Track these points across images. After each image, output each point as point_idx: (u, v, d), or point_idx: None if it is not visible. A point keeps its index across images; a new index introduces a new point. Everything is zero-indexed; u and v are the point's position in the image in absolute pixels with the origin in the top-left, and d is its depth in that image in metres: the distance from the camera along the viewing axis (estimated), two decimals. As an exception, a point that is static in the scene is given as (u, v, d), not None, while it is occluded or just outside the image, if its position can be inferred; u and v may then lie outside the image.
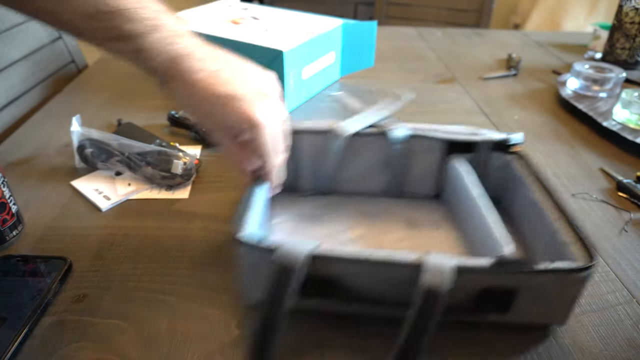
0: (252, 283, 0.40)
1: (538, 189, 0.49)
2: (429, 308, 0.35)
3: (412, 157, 0.57)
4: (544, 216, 0.46)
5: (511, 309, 0.40)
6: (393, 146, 0.56)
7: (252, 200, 0.44)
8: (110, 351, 0.40)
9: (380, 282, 0.39)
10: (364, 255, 0.38)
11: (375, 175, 0.59)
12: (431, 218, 0.56)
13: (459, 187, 0.54)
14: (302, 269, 0.36)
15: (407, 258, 0.38)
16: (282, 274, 0.36)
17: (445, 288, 0.35)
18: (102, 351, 0.40)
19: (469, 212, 0.51)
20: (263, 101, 0.42)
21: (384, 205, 0.58)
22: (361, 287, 0.40)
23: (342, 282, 0.39)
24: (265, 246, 0.38)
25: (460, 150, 0.56)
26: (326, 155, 0.57)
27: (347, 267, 0.39)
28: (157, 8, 0.41)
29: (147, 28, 0.39)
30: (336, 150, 0.56)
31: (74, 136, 0.63)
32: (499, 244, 0.43)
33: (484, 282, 0.38)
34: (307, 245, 0.38)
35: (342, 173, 0.59)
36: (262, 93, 0.43)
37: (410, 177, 0.58)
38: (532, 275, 0.38)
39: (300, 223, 0.55)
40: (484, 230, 0.46)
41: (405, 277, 0.37)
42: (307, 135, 0.57)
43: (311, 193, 0.60)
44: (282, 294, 0.36)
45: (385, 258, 0.38)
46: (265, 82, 0.45)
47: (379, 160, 0.58)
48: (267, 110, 0.42)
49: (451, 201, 0.57)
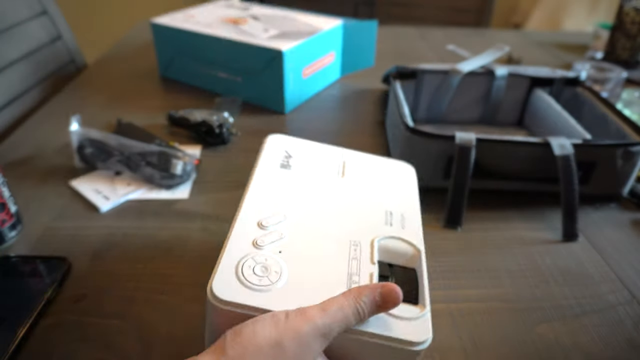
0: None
1: (603, 106, 0.68)
2: (569, 169, 0.55)
3: (506, 91, 0.77)
4: (610, 122, 0.65)
5: (590, 181, 0.59)
6: (495, 82, 0.76)
7: None
8: (110, 351, 0.40)
9: (515, 159, 0.58)
10: (507, 138, 0.57)
11: (474, 107, 0.80)
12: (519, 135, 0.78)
13: (540, 109, 0.75)
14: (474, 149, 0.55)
15: (536, 139, 0.57)
16: (463, 151, 0.55)
17: (572, 157, 0.55)
18: (102, 351, 0.40)
19: (551, 121, 0.71)
20: None
21: (483, 129, 0.79)
22: (503, 166, 0.59)
23: (488, 162, 0.58)
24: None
25: (541, 85, 0.77)
26: (442, 90, 0.77)
27: (500, 148, 0.57)
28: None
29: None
30: (453, 86, 0.75)
31: (74, 136, 0.62)
32: (579, 133, 0.64)
33: (577, 156, 0.55)
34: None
35: (451, 105, 0.79)
36: None
37: (502, 107, 0.79)
38: (606, 148, 0.57)
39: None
40: (565, 129, 0.67)
41: (538, 153, 0.57)
42: (429, 75, 0.77)
43: (424, 122, 0.80)
44: (467, 163, 0.56)
45: (523, 139, 0.57)
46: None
47: (481, 94, 0.78)
48: None
49: (531, 124, 0.78)
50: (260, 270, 0.33)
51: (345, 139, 0.75)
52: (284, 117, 0.82)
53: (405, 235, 0.38)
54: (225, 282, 0.32)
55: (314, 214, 0.39)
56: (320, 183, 0.43)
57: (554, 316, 0.45)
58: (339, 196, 0.42)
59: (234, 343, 0.27)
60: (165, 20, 0.89)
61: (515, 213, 0.59)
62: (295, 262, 0.34)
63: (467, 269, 0.50)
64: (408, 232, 0.39)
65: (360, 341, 0.31)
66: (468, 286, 0.48)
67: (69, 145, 0.64)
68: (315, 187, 0.42)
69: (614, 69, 0.91)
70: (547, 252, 0.53)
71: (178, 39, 0.88)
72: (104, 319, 0.43)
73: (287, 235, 0.36)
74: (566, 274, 0.50)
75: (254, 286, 0.31)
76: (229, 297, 0.31)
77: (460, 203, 0.56)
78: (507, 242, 0.54)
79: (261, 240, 0.35)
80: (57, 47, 1.04)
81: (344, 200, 0.41)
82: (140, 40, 1.17)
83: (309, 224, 0.38)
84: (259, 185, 0.41)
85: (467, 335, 0.43)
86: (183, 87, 0.91)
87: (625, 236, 0.56)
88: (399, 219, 0.40)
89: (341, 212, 0.40)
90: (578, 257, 0.52)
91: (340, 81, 0.97)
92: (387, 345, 0.31)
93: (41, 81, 0.96)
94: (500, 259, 0.52)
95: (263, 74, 0.80)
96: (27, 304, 0.43)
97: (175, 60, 0.91)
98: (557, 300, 0.47)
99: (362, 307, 0.30)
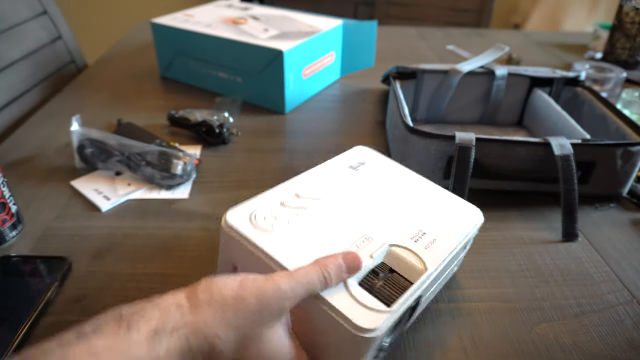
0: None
1: (603, 106, 0.68)
2: (569, 168, 0.54)
3: (506, 91, 0.78)
4: (610, 122, 0.65)
5: (589, 181, 0.59)
6: (495, 82, 0.76)
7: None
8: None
9: (514, 159, 0.58)
10: (507, 138, 0.57)
11: (474, 107, 0.80)
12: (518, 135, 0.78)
13: (540, 109, 0.75)
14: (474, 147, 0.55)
15: (536, 139, 0.57)
16: (463, 151, 0.55)
17: (571, 156, 0.54)
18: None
19: (551, 121, 0.71)
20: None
21: (483, 130, 0.79)
22: (502, 166, 0.58)
23: (487, 162, 0.58)
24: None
25: (540, 85, 0.77)
26: (442, 90, 0.77)
27: (500, 147, 0.57)
28: None
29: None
30: (453, 86, 0.75)
31: (74, 136, 0.62)
32: (579, 133, 0.64)
33: (576, 156, 0.55)
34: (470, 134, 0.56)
35: (451, 105, 0.79)
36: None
37: (501, 107, 0.79)
38: (606, 148, 0.57)
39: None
40: (564, 129, 0.67)
41: (538, 153, 0.57)
42: (428, 75, 0.77)
43: (424, 122, 0.80)
44: (466, 162, 0.55)
45: (522, 139, 0.57)
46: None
47: (480, 94, 0.78)
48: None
49: (531, 124, 0.78)
50: (270, 217, 0.39)
51: (345, 139, 0.75)
52: (283, 117, 0.82)
53: (422, 253, 0.38)
54: (238, 216, 0.38)
55: (349, 206, 0.42)
56: (374, 189, 0.45)
57: (554, 316, 0.45)
58: (383, 203, 0.43)
59: (205, 288, 0.31)
60: (165, 20, 0.89)
61: (515, 213, 0.59)
62: (303, 224, 0.39)
63: (467, 269, 0.50)
64: (427, 253, 0.38)
65: (319, 308, 0.33)
66: (468, 286, 0.48)
67: (69, 145, 0.64)
68: (367, 189, 0.45)
69: (613, 69, 0.91)
70: (547, 252, 0.53)
71: (178, 39, 0.88)
72: (104, 318, 0.43)
73: (312, 209, 0.41)
74: (566, 274, 0.50)
75: (258, 225, 0.38)
76: (234, 224, 0.37)
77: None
78: (507, 242, 0.54)
79: (287, 202, 0.41)
80: (57, 47, 1.04)
81: (385, 207, 0.43)
82: (140, 40, 1.17)
83: (338, 209, 0.41)
84: (320, 171, 0.46)
85: (467, 335, 0.43)
86: (183, 87, 0.91)
87: (625, 236, 0.56)
88: (427, 241, 0.39)
89: (376, 214, 0.41)
90: (578, 257, 0.52)
91: (340, 81, 0.97)
92: (335, 320, 0.32)
93: (41, 81, 0.96)
94: (500, 259, 0.52)
95: (263, 74, 0.80)
96: (27, 304, 0.43)
97: (175, 60, 0.91)
98: (557, 300, 0.47)
99: (328, 272, 0.33)
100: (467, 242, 0.42)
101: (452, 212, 0.43)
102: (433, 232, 0.40)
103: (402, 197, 0.44)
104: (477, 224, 0.43)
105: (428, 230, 0.40)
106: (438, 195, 0.46)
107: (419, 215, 0.42)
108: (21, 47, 0.92)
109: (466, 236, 0.41)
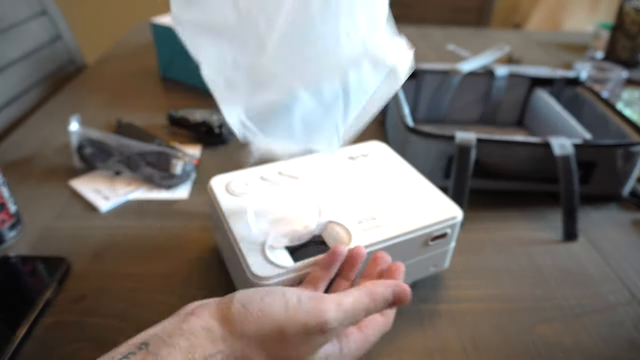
0: None
1: (604, 106, 0.69)
2: (570, 168, 0.55)
3: (506, 91, 0.78)
4: (610, 122, 0.65)
5: (590, 181, 0.59)
6: (495, 82, 0.76)
7: None
8: (109, 351, 0.40)
9: (515, 159, 0.58)
10: (508, 138, 0.57)
11: (474, 106, 0.80)
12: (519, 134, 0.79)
13: (540, 109, 0.75)
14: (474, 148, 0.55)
15: (536, 139, 0.57)
16: (463, 151, 0.55)
17: (572, 157, 0.55)
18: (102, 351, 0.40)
19: (551, 121, 0.72)
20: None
21: (483, 130, 0.79)
22: (501, 166, 0.59)
23: (488, 163, 0.59)
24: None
25: (541, 85, 0.77)
26: (442, 90, 0.77)
27: (500, 148, 0.57)
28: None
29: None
30: (453, 85, 0.76)
31: (73, 136, 0.62)
32: (579, 133, 0.64)
33: (577, 156, 0.56)
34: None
35: (451, 105, 0.79)
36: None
37: (502, 107, 0.79)
38: (606, 148, 0.57)
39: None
40: (565, 129, 0.67)
41: (539, 153, 0.57)
42: (429, 75, 0.77)
43: (424, 122, 0.80)
44: (467, 162, 0.55)
45: (523, 140, 0.57)
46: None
47: (481, 94, 0.78)
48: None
49: (531, 124, 0.78)
50: (242, 186, 0.45)
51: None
52: (284, 117, 0.82)
53: (357, 233, 0.40)
54: (219, 182, 0.46)
55: (320, 187, 0.45)
56: (356, 177, 0.48)
57: (554, 316, 0.45)
58: (355, 189, 0.46)
59: (239, 313, 0.28)
60: (165, 20, 0.89)
61: (515, 213, 0.59)
62: (269, 195, 0.44)
63: (467, 269, 0.50)
64: (363, 234, 0.40)
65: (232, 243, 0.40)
66: (468, 286, 0.48)
67: (69, 145, 0.64)
68: (349, 177, 0.47)
69: (614, 69, 0.91)
70: (547, 252, 0.53)
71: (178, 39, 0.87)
72: (104, 319, 0.43)
73: (285, 185, 0.45)
74: (566, 274, 0.50)
75: (230, 190, 0.44)
76: (214, 188, 0.45)
77: (461, 203, 0.56)
78: (507, 242, 0.54)
79: (267, 177, 0.46)
80: (57, 47, 1.04)
81: (355, 193, 0.45)
82: (140, 40, 1.17)
83: (307, 188, 0.45)
84: (318, 157, 0.49)
85: (467, 335, 0.43)
86: (183, 87, 0.91)
87: (626, 236, 0.56)
88: (371, 225, 0.41)
89: (341, 197, 0.44)
90: (578, 257, 0.52)
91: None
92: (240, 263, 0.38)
93: (41, 81, 0.96)
94: (500, 259, 0.52)
95: (263, 74, 0.80)
96: (26, 304, 0.43)
97: (175, 60, 0.91)
98: (557, 300, 0.47)
99: (375, 305, 0.30)
100: (425, 237, 0.42)
101: (424, 208, 0.44)
102: (381, 220, 0.42)
103: (380, 188, 0.46)
104: (450, 221, 0.43)
105: (378, 217, 0.42)
106: (423, 191, 0.46)
107: (381, 205, 0.44)
108: (21, 47, 0.92)
109: (421, 230, 0.41)
